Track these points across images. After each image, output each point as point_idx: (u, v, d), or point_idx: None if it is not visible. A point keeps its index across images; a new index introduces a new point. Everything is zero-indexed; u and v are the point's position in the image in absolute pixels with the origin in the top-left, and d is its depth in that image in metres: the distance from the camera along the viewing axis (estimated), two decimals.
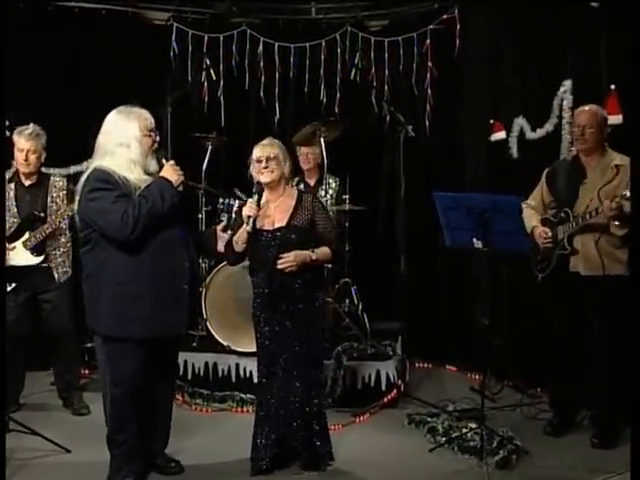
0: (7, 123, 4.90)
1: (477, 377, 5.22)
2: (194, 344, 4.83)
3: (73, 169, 5.35)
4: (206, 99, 5.65)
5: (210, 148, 5.08)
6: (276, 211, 3.51)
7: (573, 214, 3.95)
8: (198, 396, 4.67)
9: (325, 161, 4.94)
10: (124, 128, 3.24)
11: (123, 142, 3.21)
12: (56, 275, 4.38)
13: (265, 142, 3.53)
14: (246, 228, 3.40)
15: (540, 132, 4.88)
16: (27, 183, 4.42)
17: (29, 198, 4.40)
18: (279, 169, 3.49)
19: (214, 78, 5.56)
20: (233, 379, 4.72)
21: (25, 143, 4.30)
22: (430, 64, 5.45)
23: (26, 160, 4.31)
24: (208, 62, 5.56)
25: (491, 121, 5.14)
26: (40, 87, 5.25)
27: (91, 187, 3.16)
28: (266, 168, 3.46)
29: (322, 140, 4.88)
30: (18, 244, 4.36)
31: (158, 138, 3.34)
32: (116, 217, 3.10)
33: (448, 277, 5.63)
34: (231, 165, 5.51)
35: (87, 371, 5.13)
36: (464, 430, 4.01)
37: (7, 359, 4.02)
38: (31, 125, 4.37)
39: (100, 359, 3.44)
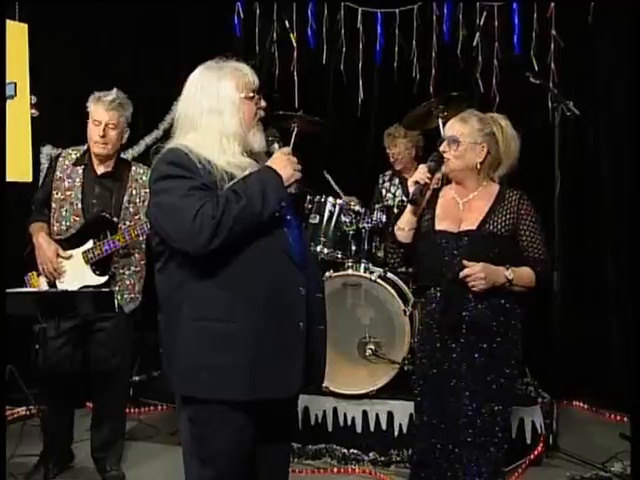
0: (34, 100, 4.03)
1: (619, 417, 4.29)
2: None
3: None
4: (277, 74, 4.81)
5: (296, 131, 4.02)
6: (464, 209, 2.53)
7: None
8: None
9: None
10: (214, 88, 2.21)
11: (212, 108, 2.20)
12: (118, 301, 3.21)
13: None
14: (412, 197, 2.49)
15: None
16: (100, 170, 3.31)
17: (99, 192, 3.30)
18: (467, 156, 2.49)
19: (295, 44, 4.70)
20: (329, 427, 3.74)
21: (104, 114, 3.21)
22: (554, 32, 4.55)
23: (103, 136, 3.21)
24: (283, 29, 4.76)
25: None
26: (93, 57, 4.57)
27: (158, 174, 2.18)
28: (445, 152, 2.49)
29: (440, 122, 3.82)
30: (77, 252, 3.26)
31: (264, 104, 2.29)
32: (186, 218, 2.07)
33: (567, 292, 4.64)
34: (319, 153, 4.61)
35: (132, 410, 4.29)
36: None
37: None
38: (114, 91, 3.27)
39: (181, 426, 2.31)
